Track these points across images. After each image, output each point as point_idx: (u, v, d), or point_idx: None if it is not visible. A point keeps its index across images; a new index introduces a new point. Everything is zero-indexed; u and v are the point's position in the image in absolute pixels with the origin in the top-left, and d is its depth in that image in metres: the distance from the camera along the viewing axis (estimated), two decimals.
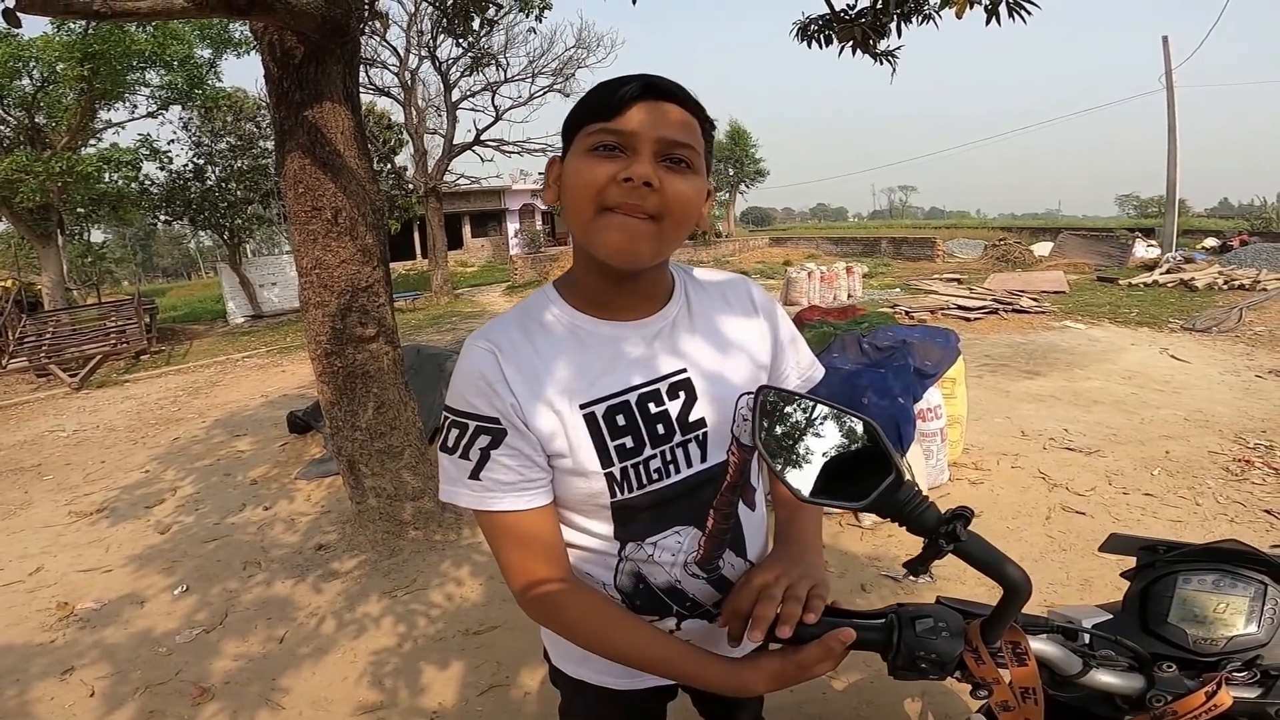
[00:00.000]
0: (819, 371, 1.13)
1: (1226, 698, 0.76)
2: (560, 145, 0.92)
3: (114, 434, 7.41)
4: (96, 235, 24.69)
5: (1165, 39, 17.85)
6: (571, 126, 0.88)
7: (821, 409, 0.78)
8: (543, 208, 30.26)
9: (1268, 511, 3.56)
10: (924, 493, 0.74)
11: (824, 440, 0.77)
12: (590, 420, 0.90)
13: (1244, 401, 5.52)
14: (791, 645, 0.80)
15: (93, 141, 16.05)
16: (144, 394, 9.62)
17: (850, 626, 0.78)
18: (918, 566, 0.75)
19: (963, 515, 0.72)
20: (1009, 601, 0.73)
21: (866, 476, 0.73)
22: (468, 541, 3.82)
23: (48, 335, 12.40)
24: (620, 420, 0.91)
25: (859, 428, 0.76)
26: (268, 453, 5.93)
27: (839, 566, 3.27)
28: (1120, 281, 12.72)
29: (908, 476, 0.73)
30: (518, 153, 18.42)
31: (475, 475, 0.88)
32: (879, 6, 4.00)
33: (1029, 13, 3.57)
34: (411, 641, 3.00)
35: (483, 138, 18.09)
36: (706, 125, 0.89)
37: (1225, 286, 11.30)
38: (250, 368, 10.88)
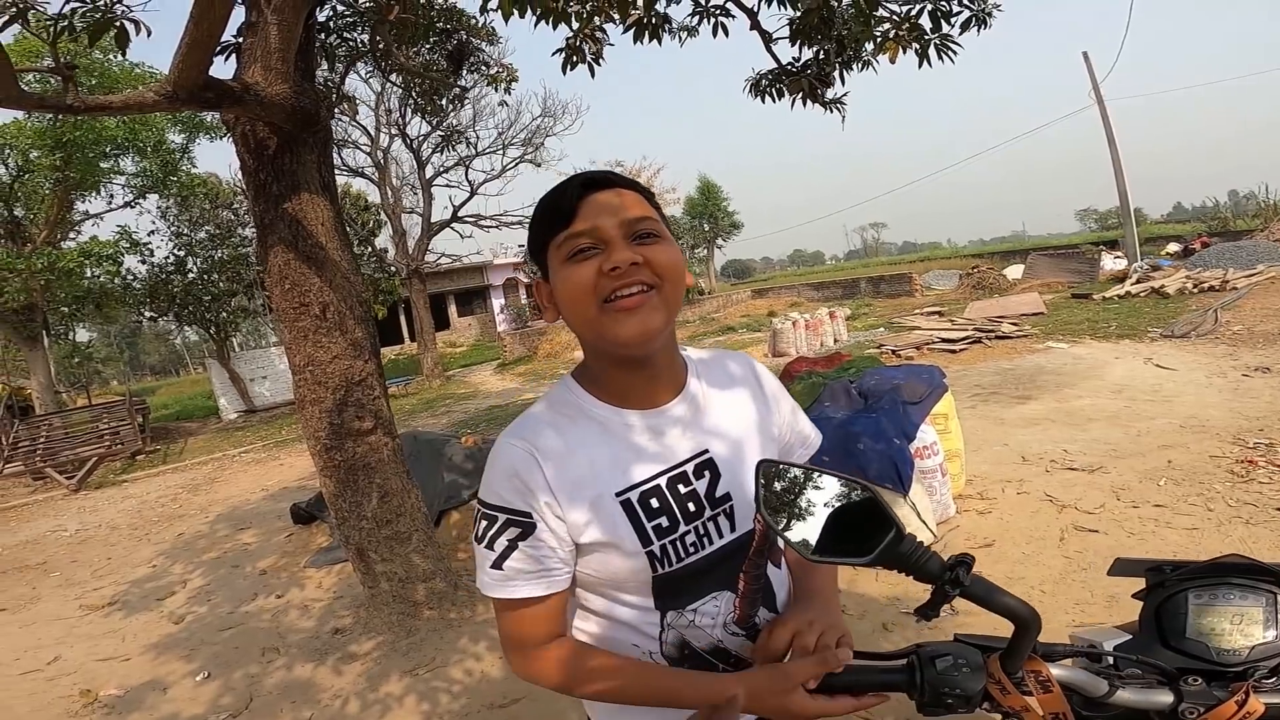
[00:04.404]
0: (818, 438, 1.22)
1: (1258, 705, 0.79)
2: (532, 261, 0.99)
3: (117, 532, 7.37)
4: (81, 334, 24.60)
5: (1086, 55, 18.33)
6: (538, 245, 0.95)
7: (820, 476, 0.84)
8: (526, 280, 30.47)
9: None
10: (924, 543, 0.80)
11: (824, 504, 0.83)
12: (627, 506, 0.96)
13: (1236, 402, 5.58)
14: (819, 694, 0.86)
15: (72, 235, 15.86)
16: (143, 493, 9.55)
17: (875, 670, 0.85)
18: (928, 611, 0.80)
19: (964, 562, 0.78)
20: (1021, 634, 0.79)
21: (869, 534, 0.79)
22: (483, 618, 3.79)
23: (41, 439, 12.32)
24: (654, 503, 0.97)
25: (857, 490, 0.82)
26: (274, 544, 5.88)
27: (858, 609, 3.27)
28: (1094, 296, 12.97)
29: (908, 531, 0.79)
30: (495, 226, 18.59)
31: (498, 565, 0.95)
32: (821, 58, 4.23)
33: (955, 53, 3.79)
34: (437, 718, 2.98)
35: (460, 213, 18.24)
36: (649, 196, 0.98)
37: (1195, 290, 11.52)
38: (248, 463, 10.83)
